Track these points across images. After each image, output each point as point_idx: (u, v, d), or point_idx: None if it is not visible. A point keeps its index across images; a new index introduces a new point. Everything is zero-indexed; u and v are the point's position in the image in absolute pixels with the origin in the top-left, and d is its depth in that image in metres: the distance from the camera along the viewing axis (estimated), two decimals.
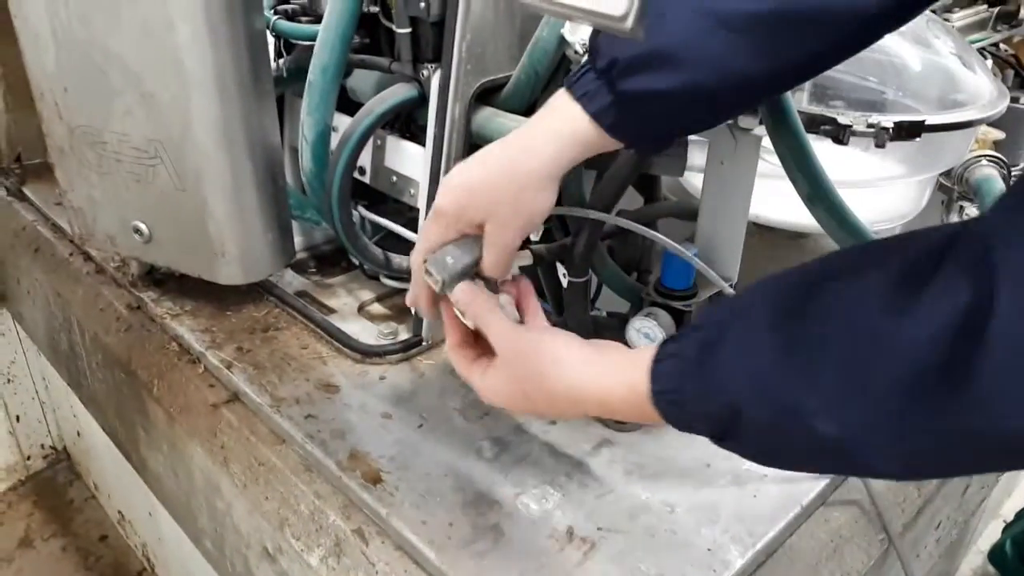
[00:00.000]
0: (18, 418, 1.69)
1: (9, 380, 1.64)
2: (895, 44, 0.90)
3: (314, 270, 1.06)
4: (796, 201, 0.75)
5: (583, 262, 0.73)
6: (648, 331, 0.76)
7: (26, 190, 1.31)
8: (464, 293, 0.60)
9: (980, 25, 1.22)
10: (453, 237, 0.60)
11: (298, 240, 1.08)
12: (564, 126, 0.57)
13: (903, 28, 0.94)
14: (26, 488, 1.72)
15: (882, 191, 0.91)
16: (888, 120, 0.73)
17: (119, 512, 1.59)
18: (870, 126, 0.73)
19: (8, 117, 1.36)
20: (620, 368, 0.53)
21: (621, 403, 0.53)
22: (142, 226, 0.94)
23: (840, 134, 0.73)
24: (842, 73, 0.91)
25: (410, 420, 0.80)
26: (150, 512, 1.34)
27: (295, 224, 1.02)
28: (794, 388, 0.43)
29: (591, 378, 0.54)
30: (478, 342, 0.63)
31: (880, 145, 0.73)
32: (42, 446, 1.76)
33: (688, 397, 0.49)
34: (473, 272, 0.61)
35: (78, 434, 1.64)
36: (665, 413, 0.50)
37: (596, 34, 0.56)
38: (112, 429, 1.14)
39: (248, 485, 0.79)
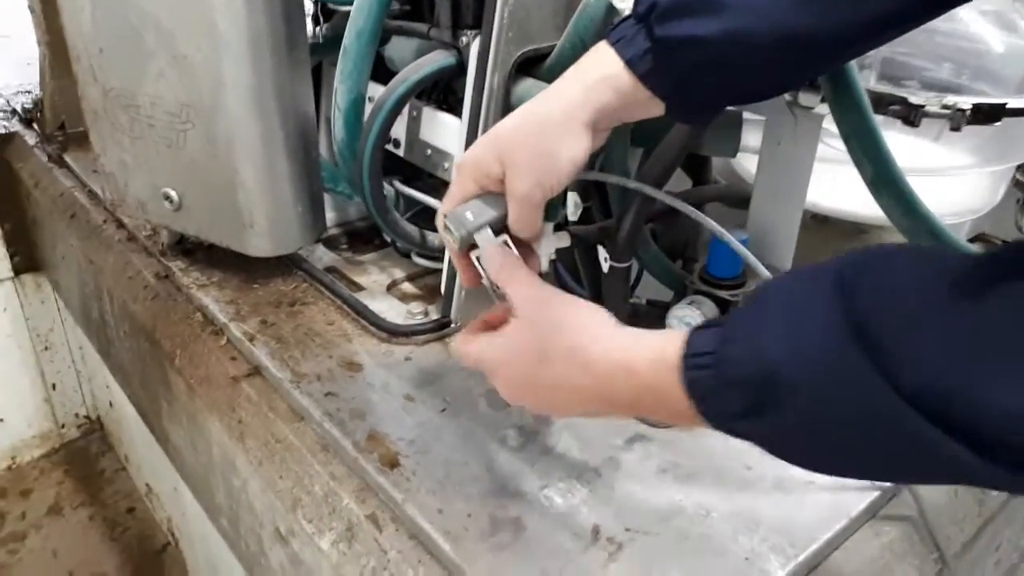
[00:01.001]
0: (54, 386, 1.70)
1: (46, 348, 1.65)
2: (976, 26, 0.83)
3: (346, 246, 1.03)
4: (859, 189, 0.69)
5: (628, 245, 0.69)
6: (690, 320, 0.71)
7: (67, 157, 1.31)
8: (491, 250, 0.56)
9: None
10: (474, 191, 0.56)
11: (331, 215, 1.05)
12: (595, 70, 0.52)
13: (986, 7, 0.87)
14: (59, 456, 1.73)
15: (951, 182, 0.85)
16: (966, 101, 0.67)
17: (147, 485, 1.59)
18: (945, 107, 0.67)
19: (53, 84, 1.36)
20: (652, 336, 0.49)
21: (645, 369, 0.47)
22: (172, 193, 0.92)
23: (911, 115, 0.67)
24: (914, 56, 0.84)
25: (433, 403, 0.76)
26: (175, 487, 1.33)
27: (329, 199, 0.99)
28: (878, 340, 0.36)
29: (621, 343, 0.49)
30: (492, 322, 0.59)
31: (956, 128, 0.67)
32: (76, 415, 1.77)
33: (726, 355, 0.43)
34: (498, 230, 0.56)
35: (111, 405, 1.64)
36: (692, 382, 0.44)
37: None
38: (137, 399, 1.12)
39: (263, 462, 0.76)
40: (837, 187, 0.80)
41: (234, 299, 0.91)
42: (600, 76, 0.52)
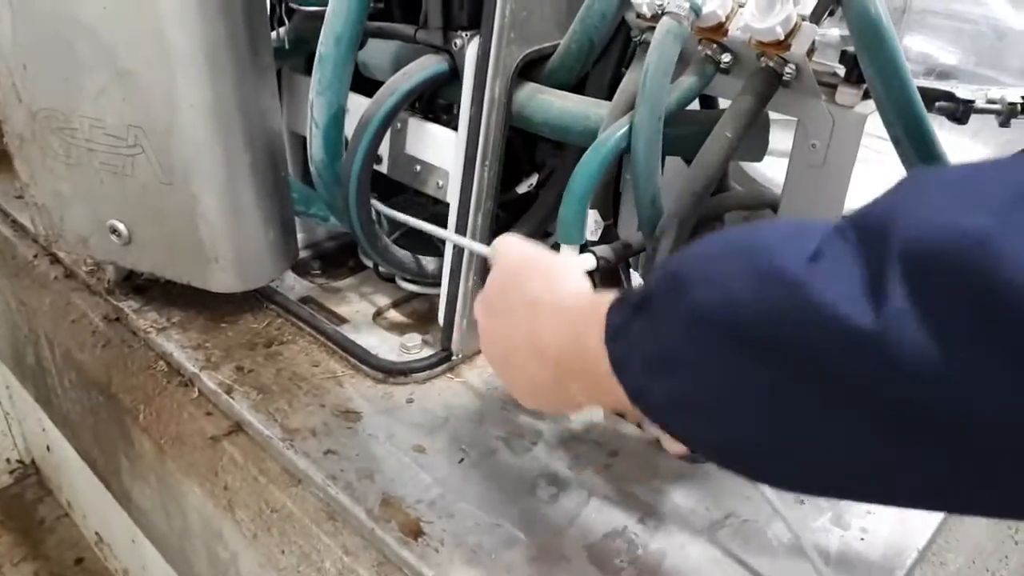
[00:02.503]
0: None
1: None
2: (1001, 10, 0.79)
3: (319, 271, 0.93)
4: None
5: None
6: None
7: None
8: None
9: None
10: None
11: (299, 237, 0.94)
12: None
13: None
14: None
15: None
16: (1014, 94, 0.62)
17: (96, 534, 1.45)
18: (991, 101, 0.62)
19: None
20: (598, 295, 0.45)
21: (575, 309, 0.46)
22: (120, 226, 0.81)
23: (958, 111, 0.62)
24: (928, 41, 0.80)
25: (448, 453, 0.68)
26: (133, 539, 1.21)
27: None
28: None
29: (573, 291, 0.48)
30: None
31: (1005, 124, 0.62)
32: (8, 460, 1.61)
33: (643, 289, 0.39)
34: None
35: (48, 448, 1.50)
36: (609, 316, 0.41)
37: None
38: (88, 454, 1.01)
39: (259, 535, 0.67)
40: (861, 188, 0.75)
41: (201, 343, 0.81)
42: None
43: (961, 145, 0.73)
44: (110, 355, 0.84)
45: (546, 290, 0.49)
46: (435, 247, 0.81)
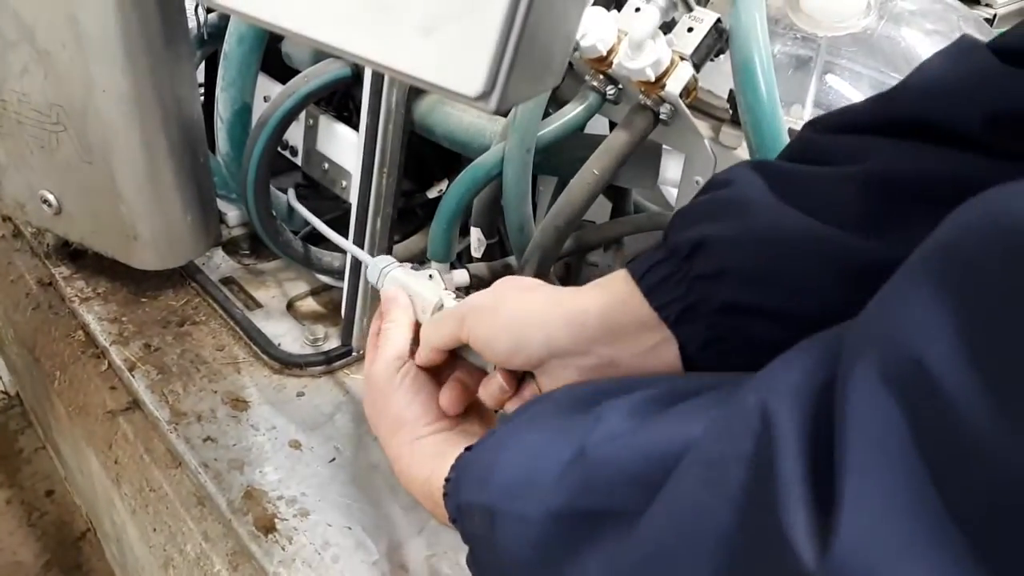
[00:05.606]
0: None
1: None
2: (921, 47, 0.76)
3: (248, 251, 0.95)
4: None
5: None
6: None
7: None
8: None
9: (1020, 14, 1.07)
10: None
11: (235, 214, 0.96)
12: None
13: (929, 26, 0.80)
14: None
15: None
16: None
17: (63, 470, 1.53)
18: None
19: None
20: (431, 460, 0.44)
21: (419, 497, 0.45)
22: (50, 196, 0.83)
23: None
24: (859, 64, 0.78)
25: (322, 452, 0.71)
26: None
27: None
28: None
29: (406, 467, 0.46)
30: None
31: None
32: None
33: (459, 481, 0.40)
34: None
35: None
36: (446, 497, 0.41)
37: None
38: (30, 404, 1.06)
39: (137, 511, 0.70)
40: None
41: (118, 316, 0.84)
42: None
43: None
44: (38, 319, 0.88)
45: (394, 456, 0.48)
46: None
